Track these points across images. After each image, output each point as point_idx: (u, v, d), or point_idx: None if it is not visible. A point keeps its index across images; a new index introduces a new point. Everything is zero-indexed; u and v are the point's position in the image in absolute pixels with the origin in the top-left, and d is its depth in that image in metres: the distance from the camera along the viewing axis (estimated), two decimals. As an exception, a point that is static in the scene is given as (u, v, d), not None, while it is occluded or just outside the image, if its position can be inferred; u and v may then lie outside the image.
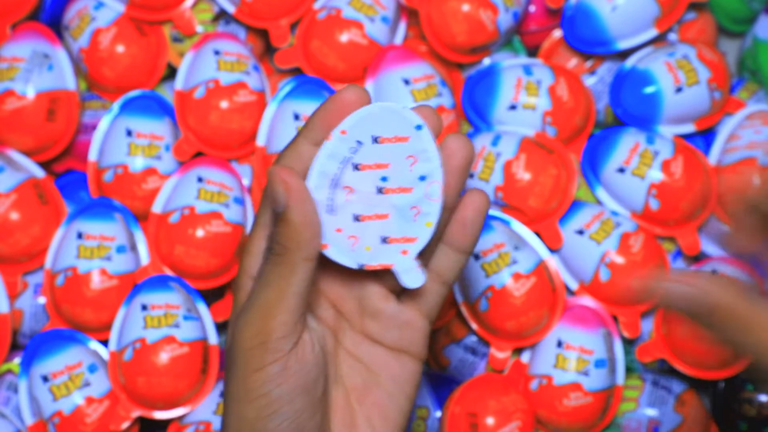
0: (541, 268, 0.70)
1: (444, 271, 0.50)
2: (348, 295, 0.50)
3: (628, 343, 0.74)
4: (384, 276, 0.49)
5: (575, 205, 0.73)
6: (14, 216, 0.72)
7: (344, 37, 0.74)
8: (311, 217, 0.46)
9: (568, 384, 0.69)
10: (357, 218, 0.48)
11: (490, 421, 0.69)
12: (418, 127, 0.47)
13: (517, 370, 0.72)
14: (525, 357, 0.72)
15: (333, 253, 0.48)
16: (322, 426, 0.48)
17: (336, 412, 0.49)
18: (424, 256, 0.49)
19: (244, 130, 0.73)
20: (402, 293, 0.50)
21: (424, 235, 0.48)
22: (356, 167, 0.47)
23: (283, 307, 0.46)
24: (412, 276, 0.48)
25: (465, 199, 0.49)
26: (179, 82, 0.74)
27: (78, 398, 0.68)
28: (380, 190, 0.48)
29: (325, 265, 0.48)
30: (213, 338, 0.70)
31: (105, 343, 0.70)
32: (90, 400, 0.68)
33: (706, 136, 0.77)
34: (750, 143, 0.74)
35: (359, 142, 0.47)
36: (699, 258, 0.75)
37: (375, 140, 0.47)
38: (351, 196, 0.48)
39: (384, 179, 0.47)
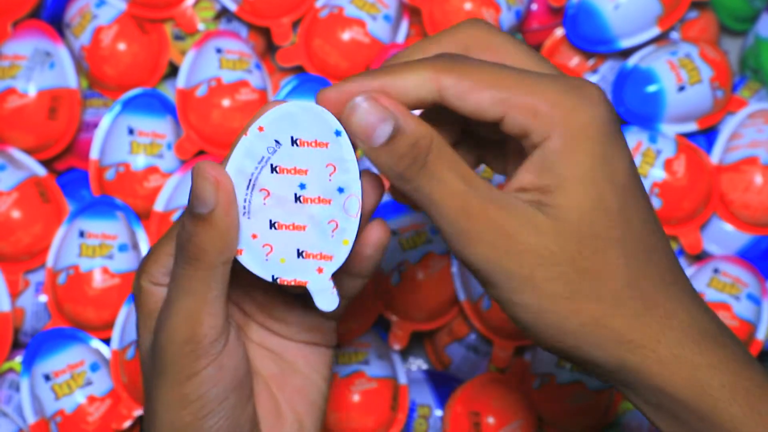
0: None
1: (344, 289, 0.49)
2: (251, 298, 0.50)
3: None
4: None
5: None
6: (16, 214, 0.71)
7: (346, 36, 0.74)
8: (234, 221, 0.44)
9: (570, 383, 0.69)
10: (273, 225, 0.45)
11: (492, 420, 0.69)
12: (337, 133, 0.44)
13: (519, 368, 0.72)
14: (527, 356, 0.72)
15: (247, 261, 0.45)
16: (253, 417, 0.47)
17: (260, 402, 0.49)
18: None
19: (246, 129, 0.73)
20: (305, 298, 0.50)
21: (340, 255, 0.45)
22: (274, 169, 0.45)
23: (208, 311, 0.44)
24: (325, 298, 0.45)
25: (366, 233, 0.48)
26: (181, 81, 0.74)
27: (80, 397, 0.68)
28: (298, 198, 0.45)
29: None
30: (215, 337, 0.69)
31: (107, 341, 0.70)
32: (92, 399, 0.68)
33: (708, 134, 0.77)
34: (752, 142, 0.74)
35: (277, 142, 0.45)
36: (701, 257, 0.75)
37: (294, 142, 0.45)
38: (268, 200, 0.45)
39: (302, 186, 0.45)
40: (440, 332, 0.75)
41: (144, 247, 0.71)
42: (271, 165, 0.45)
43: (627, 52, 0.77)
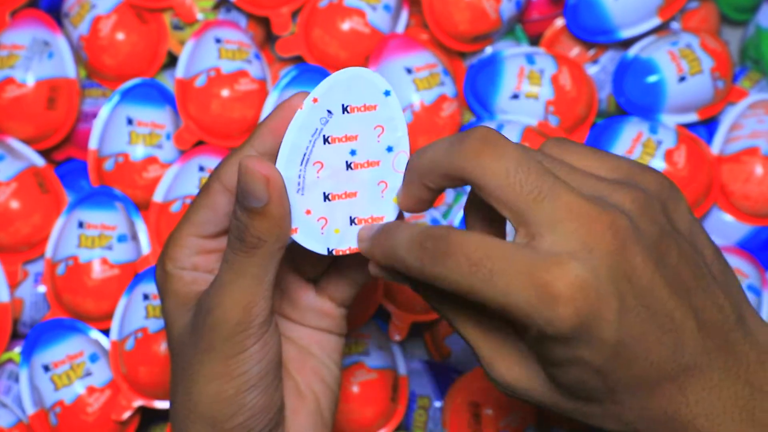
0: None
1: (356, 275, 0.53)
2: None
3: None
4: (303, 265, 0.52)
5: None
6: (14, 205, 0.71)
7: (346, 26, 0.74)
8: (287, 209, 0.46)
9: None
10: (327, 197, 0.46)
11: (491, 411, 0.69)
12: (387, 93, 0.46)
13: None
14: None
15: (302, 239, 0.47)
16: (282, 395, 0.50)
17: (284, 382, 0.52)
18: None
19: (246, 119, 0.73)
20: (317, 283, 0.54)
21: (390, 213, 0.47)
22: (326, 140, 0.46)
23: (262, 294, 0.47)
24: None
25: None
26: (180, 71, 0.74)
27: (79, 388, 0.68)
28: (349, 165, 0.46)
29: None
30: (214, 328, 0.69)
31: (106, 332, 0.70)
32: (91, 390, 0.68)
33: (708, 125, 0.77)
34: (753, 132, 0.74)
35: (329, 112, 0.46)
36: (701, 248, 0.75)
37: (345, 109, 0.46)
38: (321, 173, 0.46)
39: (353, 153, 0.46)
40: (440, 323, 0.75)
41: (143, 238, 0.71)
42: (324, 136, 0.46)
43: (627, 43, 0.77)
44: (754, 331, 0.45)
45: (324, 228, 0.47)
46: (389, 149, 0.46)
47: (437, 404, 0.72)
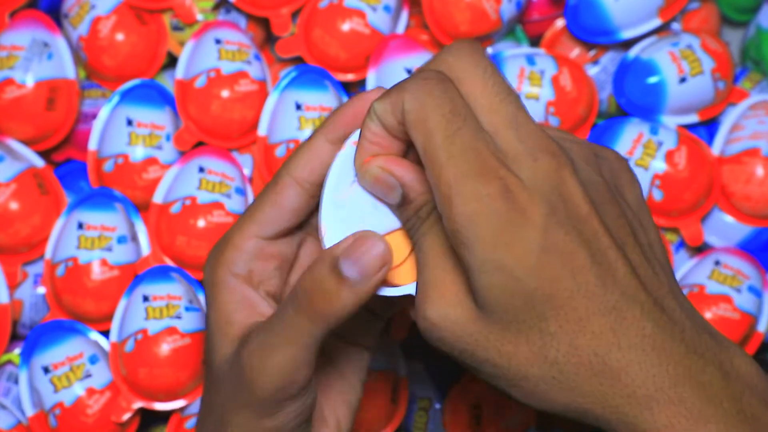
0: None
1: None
2: None
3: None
4: None
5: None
6: (14, 206, 0.71)
7: (346, 26, 0.73)
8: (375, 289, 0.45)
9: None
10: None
11: (492, 413, 0.69)
12: None
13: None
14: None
15: (387, 291, 0.46)
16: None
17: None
18: None
19: (246, 120, 0.73)
20: None
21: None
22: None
23: (308, 362, 0.45)
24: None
25: None
26: (180, 71, 0.73)
27: (79, 389, 0.68)
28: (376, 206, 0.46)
29: None
30: (214, 329, 0.69)
31: (106, 334, 0.70)
32: (91, 392, 0.68)
33: (709, 126, 0.77)
34: (754, 133, 0.74)
35: None
36: (702, 248, 0.75)
37: None
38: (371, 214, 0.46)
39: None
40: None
41: (143, 239, 0.71)
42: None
43: (628, 43, 0.77)
44: (685, 306, 0.44)
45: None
46: None
47: (437, 406, 0.72)
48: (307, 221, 0.50)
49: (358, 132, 0.45)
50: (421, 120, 0.42)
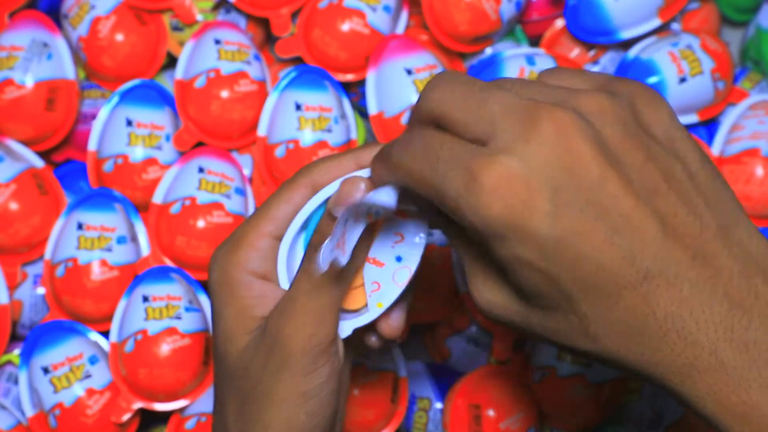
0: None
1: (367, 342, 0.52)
2: None
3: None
4: None
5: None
6: (14, 206, 0.71)
7: (346, 26, 0.73)
8: None
9: (570, 375, 0.69)
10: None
11: (492, 413, 0.69)
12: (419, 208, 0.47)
13: (519, 361, 0.71)
14: (528, 348, 0.72)
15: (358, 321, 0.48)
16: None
17: None
18: None
19: (245, 120, 0.73)
20: None
21: (370, 314, 0.48)
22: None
23: (335, 311, 0.46)
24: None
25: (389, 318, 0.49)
26: (179, 72, 0.73)
27: (79, 390, 0.68)
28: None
29: None
30: (214, 329, 0.69)
31: (106, 334, 0.70)
32: (91, 392, 0.68)
33: (709, 126, 0.77)
34: (753, 133, 0.74)
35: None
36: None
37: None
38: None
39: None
40: (440, 325, 0.75)
41: (143, 240, 0.71)
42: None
43: (628, 43, 0.77)
44: (742, 242, 0.42)
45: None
46: (398, 259, 0.47)
47: (437, 406, 0.72)
48: None
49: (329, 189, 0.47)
50: (407, 169, 0.43)
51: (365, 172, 0.47)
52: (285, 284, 0.48)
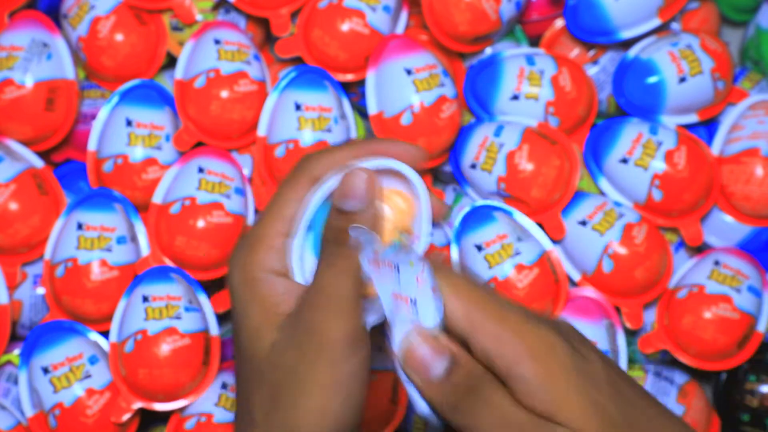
0: (544, 259, 0.70)
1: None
2: None
3: (631, 335, 0.74)
4: None
5: (578, 196, 0.73)
6: (13, 206, 0.71)
7: (345, 27, 0.73)
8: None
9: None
10: None
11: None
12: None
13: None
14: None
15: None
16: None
17: None
18: None
19: (245, 120, 0.73)
20: None
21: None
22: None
23: (358, 293, 0.46)
24: None
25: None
26: (179, 72, 0.73)
27: (79, 390, 0.68)
28: None
29: None
30: (214, 329, 0.69)
31: (105, 334, 0.70)
32: (91, 392, 0.68)
33: (709, 126, 0.77)
34: (753, 133, 0.74)
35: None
36: (702, 249, 0.75)
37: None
38: None
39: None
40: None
41: (142, 240, 0.71)
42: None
43: (627, 43, 0.77)
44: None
45: None
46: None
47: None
48: None
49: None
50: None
51: (364, 163, 0.47)
52: (300, 279, 0.49)
